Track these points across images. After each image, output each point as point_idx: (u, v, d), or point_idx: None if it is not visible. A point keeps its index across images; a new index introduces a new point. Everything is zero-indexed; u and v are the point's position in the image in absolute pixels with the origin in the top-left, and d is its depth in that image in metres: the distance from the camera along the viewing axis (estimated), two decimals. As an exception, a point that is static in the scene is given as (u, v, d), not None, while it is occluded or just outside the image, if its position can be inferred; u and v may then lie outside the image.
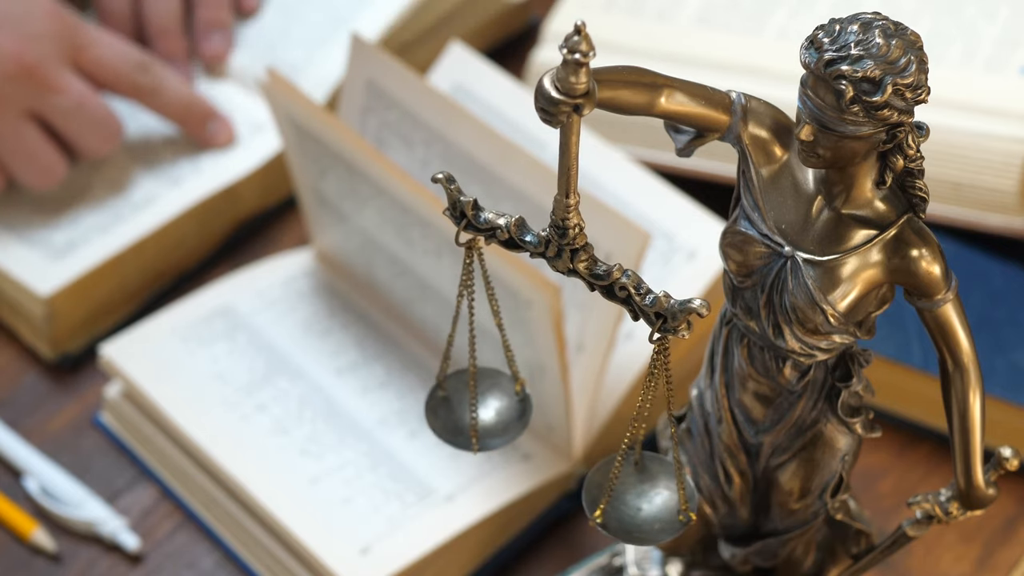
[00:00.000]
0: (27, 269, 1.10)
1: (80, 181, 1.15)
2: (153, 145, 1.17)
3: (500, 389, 0.82)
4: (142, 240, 1.12)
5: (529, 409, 0.81)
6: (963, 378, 0.75)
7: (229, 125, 1.16)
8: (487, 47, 1.26)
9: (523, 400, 0.81)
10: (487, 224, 0.73)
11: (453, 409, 0.81)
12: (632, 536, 0.76)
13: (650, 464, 0.78)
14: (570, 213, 0.70)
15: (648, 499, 0.77)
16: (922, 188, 0.72)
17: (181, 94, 1.15)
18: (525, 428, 0.81)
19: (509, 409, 0.81)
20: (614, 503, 0.76)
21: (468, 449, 0.80)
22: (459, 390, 0.81)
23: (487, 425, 0.81)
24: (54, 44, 1.10)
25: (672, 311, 0.70)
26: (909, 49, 0.69)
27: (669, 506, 0.76)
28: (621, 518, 0.76)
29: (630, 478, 0.77)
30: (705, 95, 0.72)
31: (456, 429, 0.81)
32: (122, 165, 1.16)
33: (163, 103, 1.14)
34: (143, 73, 1.13)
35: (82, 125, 1.11)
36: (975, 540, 1.01)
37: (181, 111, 1.15)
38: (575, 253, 0.72)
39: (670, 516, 0.76)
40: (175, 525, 1.04)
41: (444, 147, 1.03)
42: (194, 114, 1.15)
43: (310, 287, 1.11)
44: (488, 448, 0.81)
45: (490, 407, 0.81)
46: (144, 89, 1.14)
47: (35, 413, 1.09)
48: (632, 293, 0.71)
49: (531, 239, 0.72)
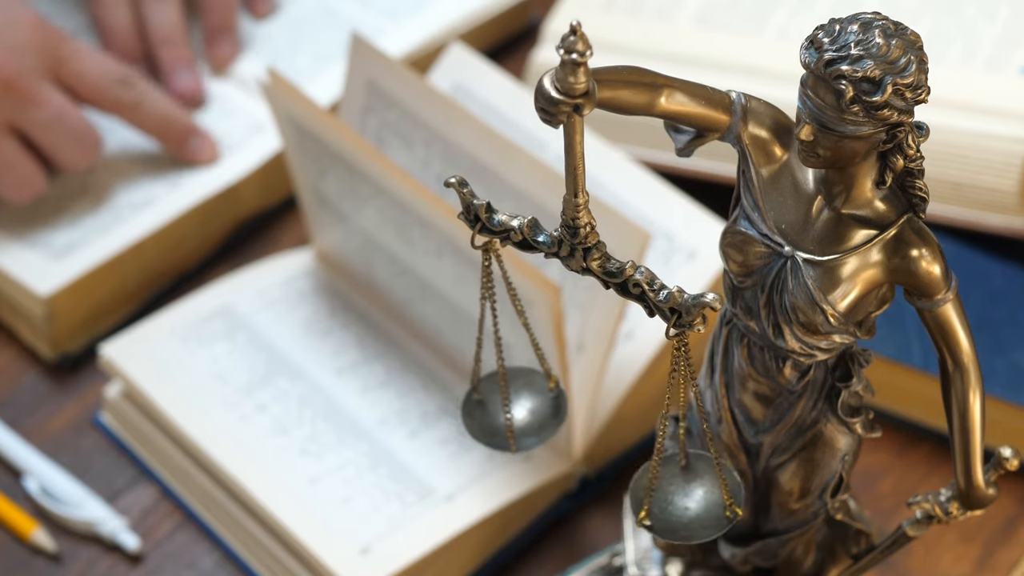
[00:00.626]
0: (27, 269, 1.10)
1: (80, 182, 1.15)
2: (152, 145, 1.17)
3: (533, 387, 0.82)
4: (142, 241, 1.12)
5: (564, 405, 0.82)
6: (963, 378, 0.75)
7: (212, 142, 1.15)
8: (487, 47, 1.26)
9: (557, 397, 0.82)
10: (501, 226, 0.73)
11: (488, 411, 0.82)
12: (680, 535, 0.76)
13: (694, 462, 0.78)
14: (580, 212, 0.71)
15: (694, 498, 0.77)
16: (922, 188, 0.72)
17: (162, 110, 1.14)
18: (561, 424, 0.81)
19: (543, 407, 0.82)
20: (660, 504, 0.76)
21: (506, 450, 0.81)
22: (493, 392, 0.82)
23: (522, 424, 0.81)
24: (35, 56, 1.09)
25: (686, 306, 0.70)
26: (909, 49, 0.69)
27: (715, 503, 0.77)
28: (668, 518, 0.76)
29: (674, 477, 0.77)
30: (705, 95, 0.72)
31: (492, 431, 0.81)
32: (122, 166, 1.16)
33: (144, 119, 1.14)
34: (125, 88, 1.13)
35: (61, 139, 1.11)
36: (975, 540, 1.01)
37: (162, 127, 1.14)
38: (588, 252, 0.72)
39: (717, 513, 0.76)
40: (175, 525, 1.04)
41: (444, 147, 1.03)
42: (175, 130, 1.14)
43: (310, 287, 1.11)
44: (525, 448, 0.81)
45: (524, 406, 0.82)
46: (125, 104, 1.13)
47: (35, 413, 1.09)
48: (646, 289, 0.71)
49: (544, 239, 0.73)
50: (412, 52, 1.21)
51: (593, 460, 1.03)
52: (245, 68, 1.21)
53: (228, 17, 1.21)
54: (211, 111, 1.19)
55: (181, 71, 1.19)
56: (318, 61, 1.21)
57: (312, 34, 1.23)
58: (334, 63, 1.20)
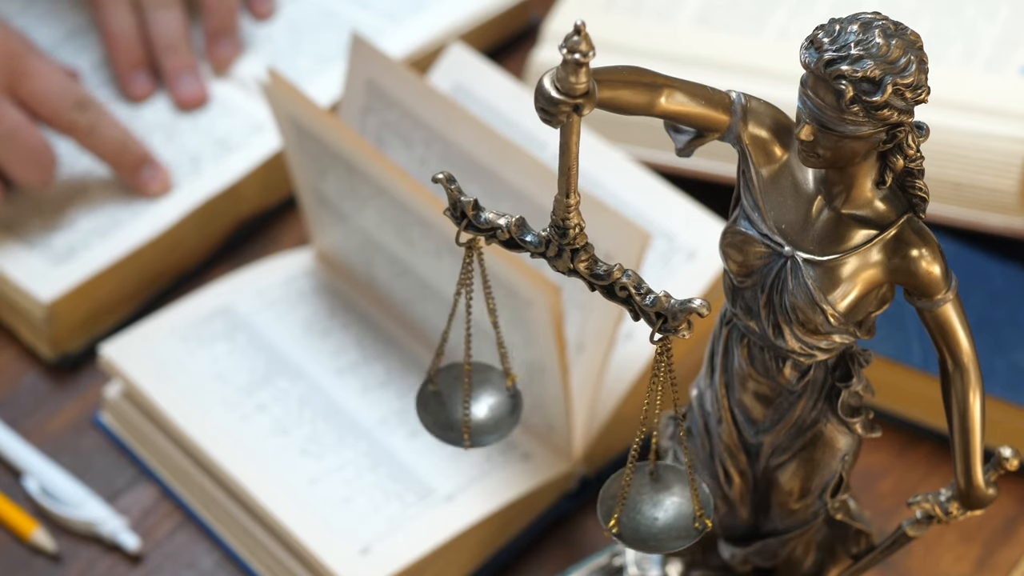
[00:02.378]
0: (28, 274, 1.10)
1: (80, 183, 1.15)
2: (153, 146, 1.17)
3: (491, 385, 0.82)
4: (143, 244, 1.12)
5: (520, 405, 0.81)
6: (963, 378, 0.75)
7: (166, 173, 1.14)
8: (487, 47, 1.26)
9: (514, 396, 0.81)
10: (487, 224, 0.73)
11: (444, 404, 0.81)
12: (648, 545, 0.76)
13: (664, 472, 0.77)
14: (570, 213, 0.70)
15: (663, 508, 0.77)
16: (922, 188, 0.72)
17: (117, 137, 1.13)
18: (517, 424, 0.81)
19: (500, 405, 0.81)
20: (629, 513, 0.76)
21: (460, 445, 0.80)
22: (450, 385, 0.81)
23: (479, 421, 0.81)
24: None
25: (672, 311, 0.70)
26: (909, 49, 0.69)
27: (684, 514, 0.76)
28: (637, 528, 0.76)
29: (645, 487, 0.77)
30: (705, 95, 0.72)
31: (447, 424, 0.81)
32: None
33: (97, 144, 1.13)
34: (80, 111, 1.12)
35: (12, 154, 1.10)
36: (975, 540, 1.01)
37: (115, 154, 1.13)
38: (575, 253, 0.72)
39: (686, 524, 0.76)
40: (175, 525, 1.04)
41: (444, 147, 1.03)
42: (128, 158, 1.13)
43: (310, 287, 1.11)
44: (480, 444, 0.81)
45: (482, 403, 0.81)
46: (79, 128, 1.12)
47: (35, 413, 1.09)
48: (632, 293, 0.71)
49: (531, 239, 0.72)
50: (412, 53, 1.21)
51: (593, 460, 1.03)
52: (245, 68, 1.21)
53: (229, 18, 1.21)
54: (211, 111, 1.19)
55: (185, 77, 1.19)
56: (318, 62, 1.21)
57: (312, 35, 1.23)
58: (334, 63, 1.20)
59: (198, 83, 1.19)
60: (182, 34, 1.19)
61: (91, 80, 1.21)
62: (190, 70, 1.19)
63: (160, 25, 1.19)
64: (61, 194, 1.15)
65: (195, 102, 1.19)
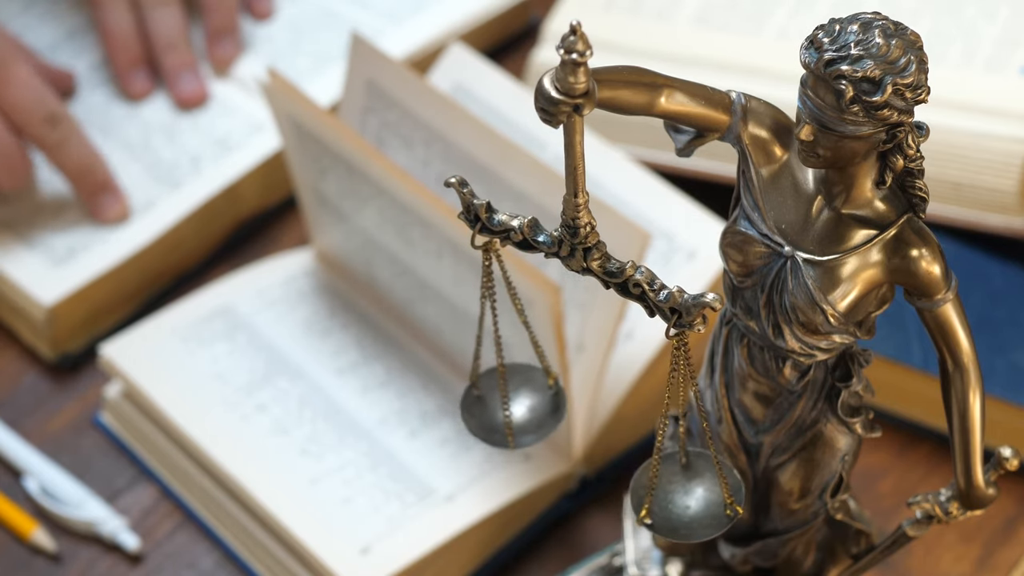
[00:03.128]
0: (29, 276, 1.10)
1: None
2: (153, 146, 1.17)
3: (532, 384, 0.82)
4: (144, 245, 1.12)
5: (563, 403, 0.82)
6: (963, 378, 0.75)
7: (124, 202, 1.13)
8: (487, 47, 1.26)
9: (556, 394, 0.82)
10: (501, 226, 0.73)
11: (487, 407, 0.82)
12: (680, 533, 0.76)
13: (694, 460, 0.78)
14: (580, 212, 0.71)
15: (695, 496, 0.77)
16: (922, 188, 0.72)
17: (83, 157, 1.12)
18: (560, 422, 0.81)
19: (542, 404, 0.82)
20: (660, 502, 0.76)
21: (504, 447, 0.81)
22: (493, 388, 0.82)
23: (521, 422, 0.81)
24: None
25: (686, 306, 0.70)
26: (909, 49, 0.69)
27: (715, 501, 0.76)
28: (668, 517, 0.76)
29: (675, 476, 0.77)
30: (705, 95, 0.72)
31: (491, 427, 0.81)
32: (122, 167, 1.16)
33: (63, 161, 1.12)
34: (50, 126, 1.11)
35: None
36: (975, 540, 1.01)
37: (78, 174, 1.12)
38: (588, 252, 0.72)
39: (717, 511, 0.76)
40: (175, 525, 1.04)
41: (444, 147, 1.03)
42: (89, 181, 1.12)
43: (310, 287, 1.11)
44: (523, 444, 0.81)
45: (523, 403, 0.82)
46: (47, 142, 1.12)
47: (35, 413, 1.09)
48: (646, 289, 0.71)
49: (544, 239, 0.73)
50: (413, 54, 1.21)
51: (593, 460, 1.03)
52: (245, 68, 1.21)
53: (230, 18, 1.21)
54: (211, 111, 1.19)
55: (185, 75, 1.19)
56: (318, 62, 1.21)
57: (312, 35, 1.23)
58: (334, 64, 1.20)
59: (198, 81, 1.19)
60: (181, 32, 1.20)
61: (90, 80, 1.21)
62: (190, 68, 1.19)
63: (159, 23, 1.19)
64: (61, 195, 1.15)
65: (195, 100, 1.19)
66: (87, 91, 1.20)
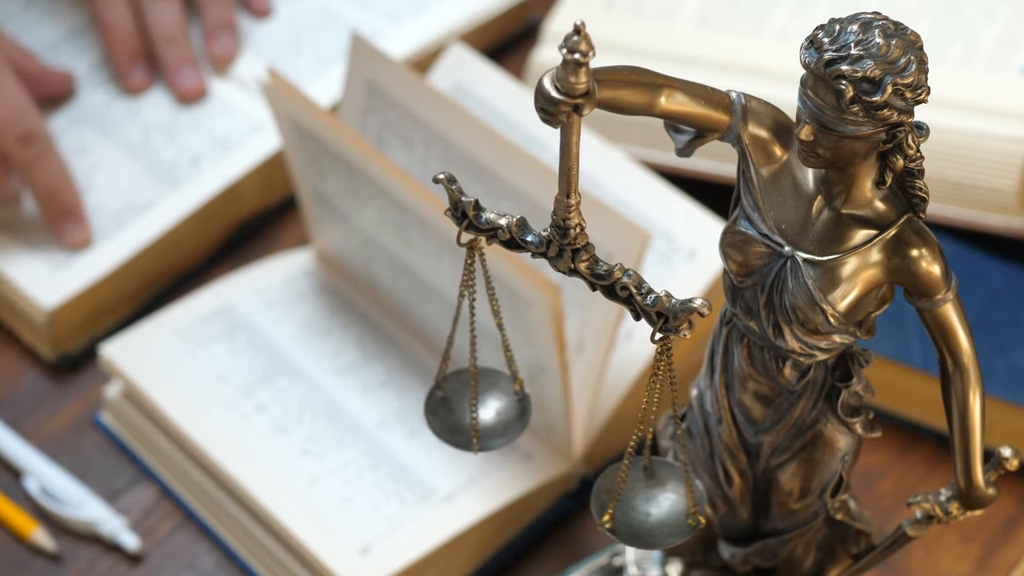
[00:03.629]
0: (30, 279, 1.10)
1: (80, 184, 1.15)
2: (153, 146, 1.17)
3: (499, 389, 0.82)
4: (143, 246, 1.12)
5: (528, 409, 0.81)
6: (963, 378, 0.75)
7: (87, 230, 1.12)
8: (487, 47, 1.26)
9: (522, 400, 0.81)
10: (488, 224, 0.73)
11: (452, 409, 0.81)
12: (641, 540, 0.76)
13: (658, 468, 0.78)
14: (571, 213, 0.70)
15: (657, 503, 0.77)
16: (922, 188, 0.72)
17: (52, 180, 1.11)
18: (525, 428, 0.81)
19: (509, 409, 0.81)
20: (623, 508, 0.76)
21: (469, 449, 0.80)
22: (458, 390, 0.81)
23: (487, 425, 0.81)
24: None
25: (673, 310, 0.70)
26: (909, 49, 0.69)
27: (678, 510, 0.76)
28: (630, 523, 0.76)
29: (639, 483, 0.77)
30: (705, 95, 0.72)
31: (456, 429, 0.81)
32: (122, 166, 1.16)
33: (31, 181, 1.12)
34: (22, 145, 1.11)
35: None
36: (975, 540, 1.01)
37: (45, 196, 1.12)
38: (576, 253, 0.72)
39: (679, 520, 0.76)
40: (175, 525, 1.04)
41: (444, 147, 1.03)
42: (55, 205, 1.12)
43: (310, 287, 1.11)
44: (489, 448, 0.81)
45: (490, 407, 0.81)
46: (19, 161, 1.11)
47: (35, 413, 1.09)
48: (633, 293, 0.71)
49: (532, 239, 0.72)
50: (414, 54, 1.21)
51: (593, 460, 1.03)
52: (245, 68, 1.21)
53: (227, 13, 1.21)
54: (211, 111, 1.19)
55: (184, 69, 1.19)
56: (319, 63, 1.21)
57: (313, 36, 1.23)
58: (335, 65, 1.20)
59: (197, 75, 1.19)
60: (180, 26, 1.20)
61: (90, 80, 1.21)
62: (189, 62, 1.19)
63: (158, 17, 1.19)
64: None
65: (195, 94, 1.19)
66: (87, 91, 1.20)
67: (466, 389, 0.81)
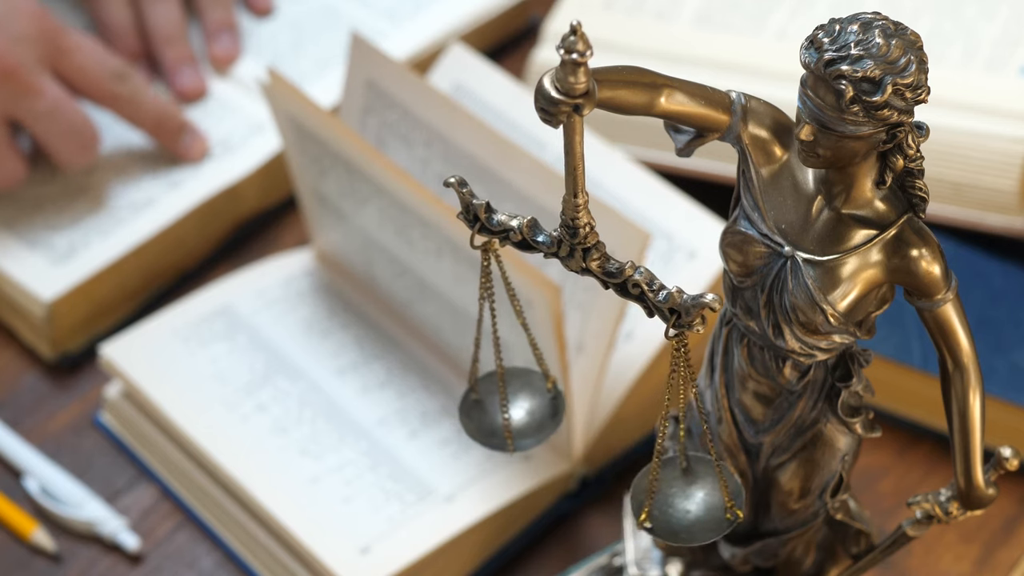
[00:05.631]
0: (29, 273, 1.10)
1: (80, 182, 1.15)
2: (151, 145, 1.17)
3: (531, 388, 0.82)
4: (143, 243, 1.12)
5: (562, 406, 0.82)
6: (963, 378, 0.75)
7: (203, 139, 1.16)
8: (487, 47, 1.26)
9: (555, 397, 0.82)
10: (500, 226, 0.73)
11: (486, 411, 0.82)
12: (680, 537, 0.76)
13: (694, 464, 0.78)
14: (579, 212, 0.71)
15: (695, 500, 0.77)
16: (922, 188, 0.72)
17: (157, 105, 1.14)
18: (559, 425, 0.81)
19: (541, 408, 0.82)
20: (660, 506, 0.76)
21: (504, 450, 0.81)
22: (491, 392, 0.82)
23: (520, 425, 0.81)
24: (35, 47, 1.09)
25: (685, 306, 0.70)
26: (909, 49, 0.69)
27: (716, 505, 0.76)
28: (669, 521, 0.76)
29: (675, 480, 0.77)
30: (705, 95, 0.72)
31: (490, 431, 0.81)
32: (121, 166, 1.16)
33: (138, 113, 1.14)
34: (121, 82, 1.13)
35: (57, 132, 1.11)
36: (975, 540, 1.01)
37: (155, 122, 1.14)
38: (587, 252, 0.72)
39: (717, 515, 0.76)
40: (175, 525, 1.04)
41: (444, 147, 1.03)
42: (168, 126, 1.14)
43: (310, 287, 1.11)
44: (523, 448, 0.81)
45: (522, 407, 0.82)
46: (121, 98, 1.13)
47: (35, 413, 1.09)
48: (645, 290, 0.71)
49: (543, 239, 0.73)
50: (414, 54, 1.21)
51: (593, 460, 1.03)
52: (245, 69, 1.21)
53: (227, 14, 1.21)
54: (211, 111, 1.19)
55: (184, 69, 1.19)
56: (319, 64, 1.21)
57: (313, 37, 1.23)
58: (335, 66, 1.20)
59: (197, 75, 1.19)
60: (180, 26, 1.20)
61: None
62: (189, 62, 1.19)
63: (158, 17, 1.19)
64: (61, 192, 1.15)
65: (195, 94, 1.19)
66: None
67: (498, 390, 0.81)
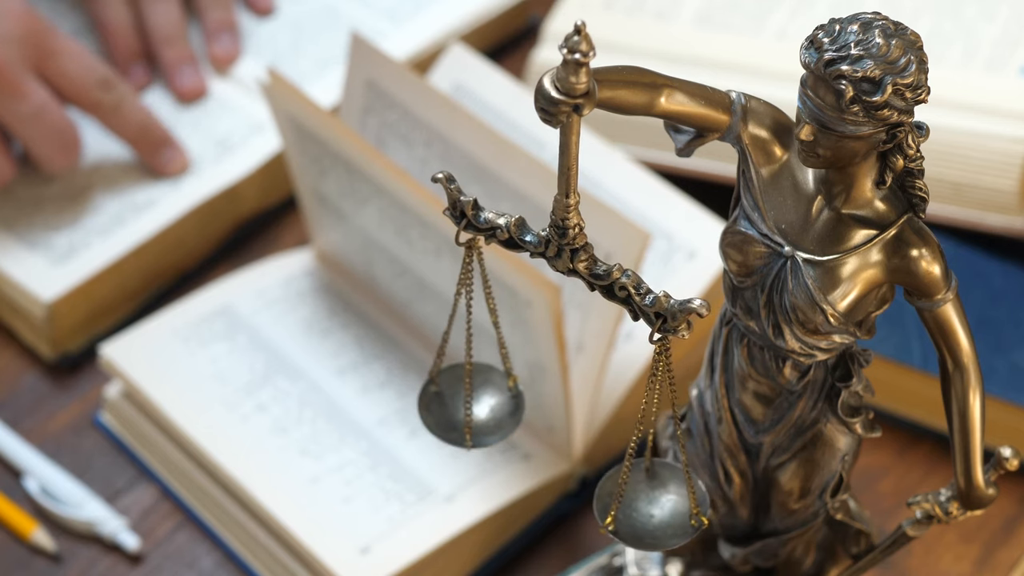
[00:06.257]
0: (29, 274, 1.10)
1: (80, 182, 1.15)
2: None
3: (493, 385, 0.82)
4: (143, 243, 1.12)
5: (522, 406, 0.81)
6: (963, 378, 0.75)
7: (183, 154, 1.15)
8: (487, 47, 1.26)
9: (516, 396, 0.81)
10: (487, 224, 0.73)
11: (446, 404, 0.81)
12: (644, 542, 0.76)
13: (660, 470, 0.78)
14: (570, 213, 0.71)
15: (659, 505, 0.77)
16: (922, 188, 0.72)
17: (140, 117, 1.14)
18: (518, 425, 0.81)
19: (502, 405, 0.81)
20: (625, 510, 0.76)
21: (462, 445, 0.80)
22: (452, 385, 0.81)
23: (480, 422, 0.81)
24: (21, 48, 1.09)
25: (672, 311, 0.70)
26: (909, 49, 0.69)
27: (681, 511, 0.76)
28: (633, 525, 0.76)
29: (641, 484, 0.77)
30: (705, 95, 0.72)
31: (449, 425, 0.81)
32: (122, 166, 1.16)
33: (121, 123, 1.13)
34: (105, 90, 1.12)
35: (40, 134, 1.10)
36: (975, 540, 1.01)
37: (137, 134, 1.13)
38: (575, 253, 0.72)
39: (682, 521, 0.76)
40: (175, 525, 1.04)
41: (444, 147, 1.03)
42: (149, 139, 1.14)
43: (310, 287, 1.11)
44: (482, 445, 0.81)
45: (483, 403, 0.81)
46: (104, 106, 1.12)
47: (35, 413, 1.09)
48: (632, 293, 0.71)
49: (531, 239, 0.72)
50: (414, 54, 1.21)
51: (593, 460, 1.03)
52: (245, 69, 1.21)
53: (227, 14, 1.21)
54: (211, 111, 1.19)
55: (184, 69, 1.19)
56: (319, 64, 1.21)
57: (313, 37, 1.23)
58: (335, 66, 1.20)
59: (197, 75, 1.19)
60: (179, 26, 1.20)
61: (91, 80, 1.21)
62: (189, 62, 1.19)
63: (157, 17, 1.19)
64: (61, 193, 1.15)
65: (195, 94, 1.19)
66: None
67: (460, 385, 0.81)
